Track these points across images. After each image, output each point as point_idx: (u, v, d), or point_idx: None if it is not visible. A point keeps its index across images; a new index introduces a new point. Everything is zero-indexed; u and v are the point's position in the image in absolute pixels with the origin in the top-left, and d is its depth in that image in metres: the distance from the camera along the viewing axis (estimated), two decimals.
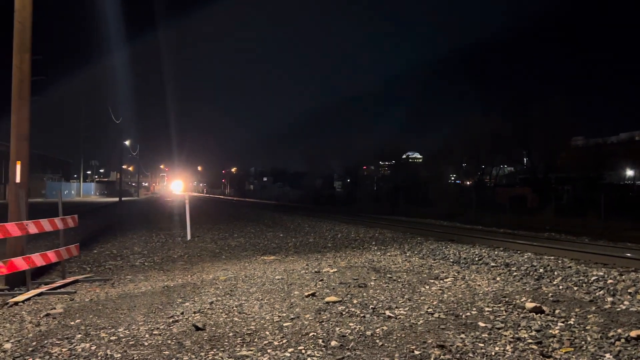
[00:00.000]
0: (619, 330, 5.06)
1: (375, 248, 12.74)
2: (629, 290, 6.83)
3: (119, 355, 4.64)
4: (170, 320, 5.82)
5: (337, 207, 42.98)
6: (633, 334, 4.86)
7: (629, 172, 39.64)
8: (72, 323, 5.85)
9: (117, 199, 52.84)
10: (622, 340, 4.79)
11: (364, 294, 7.06)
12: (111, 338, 5.17)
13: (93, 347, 4.86)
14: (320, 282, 7.86)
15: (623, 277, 7.62)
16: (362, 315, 5.92)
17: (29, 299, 7.29)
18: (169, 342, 5.01)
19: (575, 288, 7.28)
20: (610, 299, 6.55)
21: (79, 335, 5.28)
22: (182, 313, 6.13)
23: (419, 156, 68.84)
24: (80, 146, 66.02)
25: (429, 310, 6.09)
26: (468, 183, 48.40)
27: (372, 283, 7.81)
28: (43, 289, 7.98)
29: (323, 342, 4.94)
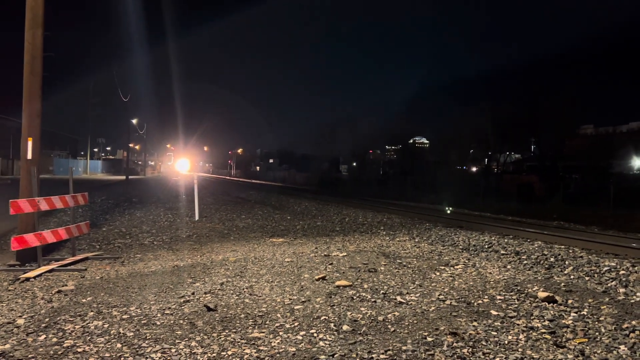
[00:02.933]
0: (634, 322, 5.02)
1: (384, 233, 12.72)
2: None
3: (132, 333, 4.65)
4: (182, 300, 5.84)
5: (344, 191, 42.95)
6: None
7: (639, 162, 39.26)
8: (84, 300, 5.87)
9: (123, 177, 52.97)
10: (637, 332, 4.74)
11: (374, 279, 7.05)
12: (123, 316, 5.18)
13: (106, 325, 4.88)
14: (330, 266, 7.85)
15: (635, 268, 7.56)
16: (373, 300, 5.91)
17: (40, 275, 7.33)
18: (181, 322, 5.02)
19: (587, 278, 7.23)
20: (622, 290, 6.50)
21: (92, 313, 5.30)
22: (193, 293, 6.14)
23: (426, 141, 68.39)
24: (89, 124, 66.09)
25: (440, 297, 6.07)
26: (474, 169, 48.19)
27: (382, 268, 7.79)
28: (53, 265, 8.02)
29: (335, 326, 4.94)
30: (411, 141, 61.97)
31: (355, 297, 6.02)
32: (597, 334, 4.77)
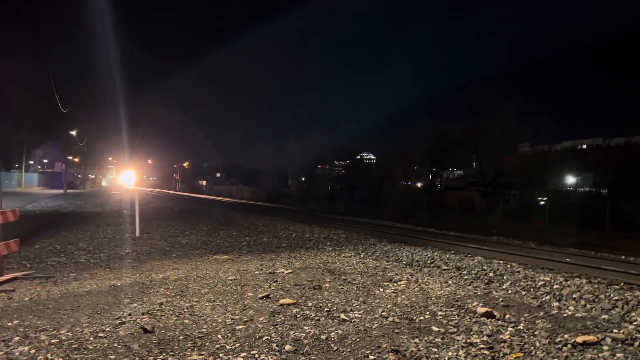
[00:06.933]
0: (566, 336, 5.22)
1: (330, 249, 12.73)
2: (573, 296, 7.07)
3: (61, 359, 4.38)
4: (117, 322, 5.57)
5: (292, 206, 42.84)
6: (579, 339, 5.02)
7: (571, 179, 41.40)
8: (10, 324, 5.50)
9: (61, 191, 50.70)
10: (569, 345, 4.93)
11: (319, 296, 7.01)
12: (52, 341, 4.88)
13: (32, 351, 4.58)
14: (274, 284, 7.75)
15: (568, 282, 7.90)
16: (316, 318, 5.86)
17: None
18: (116, 345, 4.79)
19: (524, 293, 7.48)
20: (556, 304, 6.77)
21: (17, 338, 4.96)
22: (129, 314, 5.88)
23: (373, 157, 69.49)
24: (24, 134, 62.85)
25: (383, 313, 6.10)
26: (419, 185, 49.33)
27: (327, 285, 7.76)
28: None
29: (277, 346, 4.85)
30: (359, 157, 62.81)
31: (299, 316, 5.95)
32: (532, 348, 4.91)
